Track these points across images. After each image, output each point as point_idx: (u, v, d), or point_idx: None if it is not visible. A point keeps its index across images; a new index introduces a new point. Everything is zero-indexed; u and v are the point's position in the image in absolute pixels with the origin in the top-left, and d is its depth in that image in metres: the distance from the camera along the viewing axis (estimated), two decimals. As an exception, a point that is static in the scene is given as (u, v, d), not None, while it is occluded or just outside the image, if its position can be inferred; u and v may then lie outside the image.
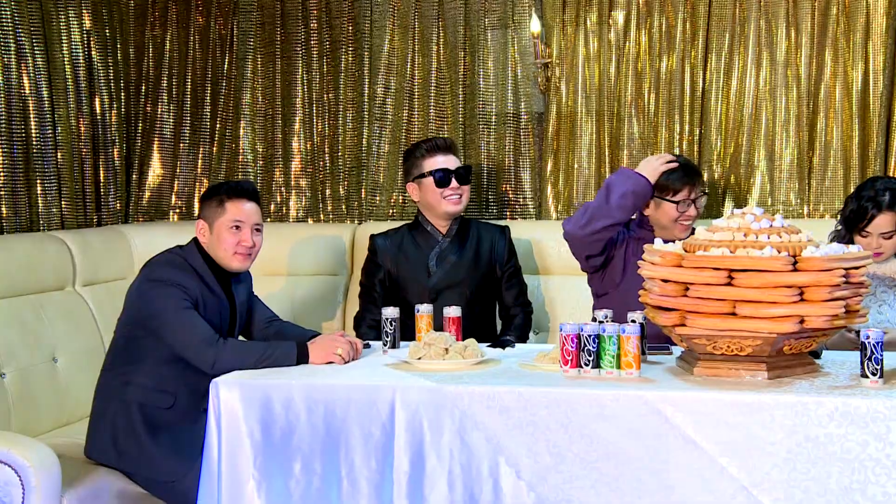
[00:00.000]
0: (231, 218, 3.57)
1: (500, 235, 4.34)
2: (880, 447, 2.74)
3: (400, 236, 4.31)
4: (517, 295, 4.32)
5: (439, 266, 4.23)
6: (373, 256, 4.32)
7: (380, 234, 4.35)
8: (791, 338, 2.94)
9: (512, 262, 4.34)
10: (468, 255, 4.25)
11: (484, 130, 4.93)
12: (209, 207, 3.61)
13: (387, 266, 4.27)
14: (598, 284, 4.11)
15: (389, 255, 4.27)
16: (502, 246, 4.32)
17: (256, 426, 3.08)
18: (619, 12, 4.77)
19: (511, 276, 4.33)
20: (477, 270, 4.25)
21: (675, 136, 4.74)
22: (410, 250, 4.27)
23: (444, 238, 4.26)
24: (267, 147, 5.13)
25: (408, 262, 4.25)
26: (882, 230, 3.81)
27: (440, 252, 4.24)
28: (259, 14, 5.09)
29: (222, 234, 3.57)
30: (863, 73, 4.56)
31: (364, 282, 4.32)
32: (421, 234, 4.28)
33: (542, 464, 2.92)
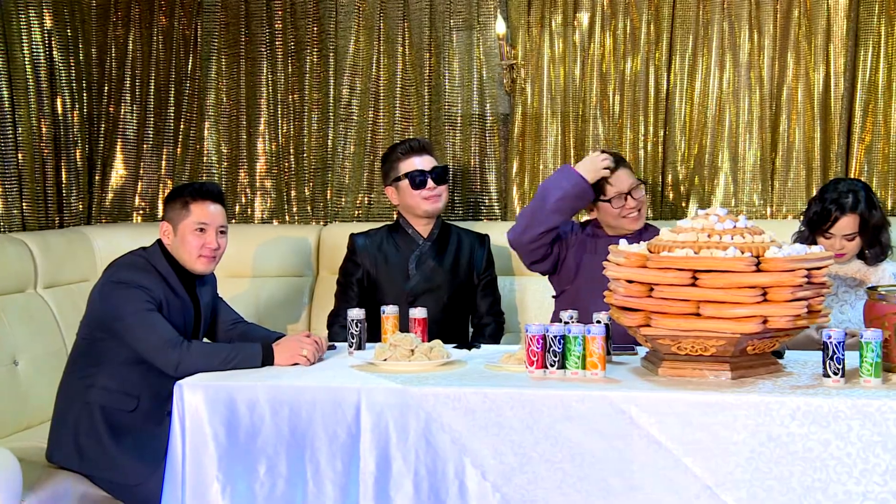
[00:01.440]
0: (196, 220, 3.55)
1: (479, 244, 4.33)
2: (842, 446, 2.77)
3: (380, 237, 4.29)
4: (491, 304, 4.32)
5: (419, 269, 4.22)
6: (352, 255, 4.28)
7: (360, 234, 4.33)
8: (754, 338, 2.96)
9: (490, 271, 4.33)
10: (448, 261, 4.24)
11: (449, 132, 4.93)
12: (173, 209, 3.58)
13: (366, 266, 4.25)
14: (556, 284, 4.13)
15: (369, 255, 4.25)
16: (481, 254, 4.31)
17: (221, 428, 3.06)
18: (583, 14, 4.79)
19: (487, 286, 4.32)
20: (455, 276, 4.24)
21: (640, 137, 4.76)
22: (390, 252, 4.25)
23: (425, 241, 4.25)
24: (231, 148, 5.10)
25: (387, 263, 4.23)
26: (845, 232, 3.84)
27: (420, 255, 4.23)
28: (223, 14, 5.07)
29: (186, 237, 3.54)
30: (824, 76, 4.60)
31: (341, 280, 4.29)
32: (401, 237, 4.27)
33: (507, 465, 2.93)
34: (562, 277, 4.08)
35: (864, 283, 3.86)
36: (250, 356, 3.31)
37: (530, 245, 3.96)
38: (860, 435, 2.76)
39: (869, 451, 2.75)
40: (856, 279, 3.90)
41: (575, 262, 4.04)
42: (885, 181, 4.59)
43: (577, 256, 4.04)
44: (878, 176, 4.59)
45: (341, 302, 4.24)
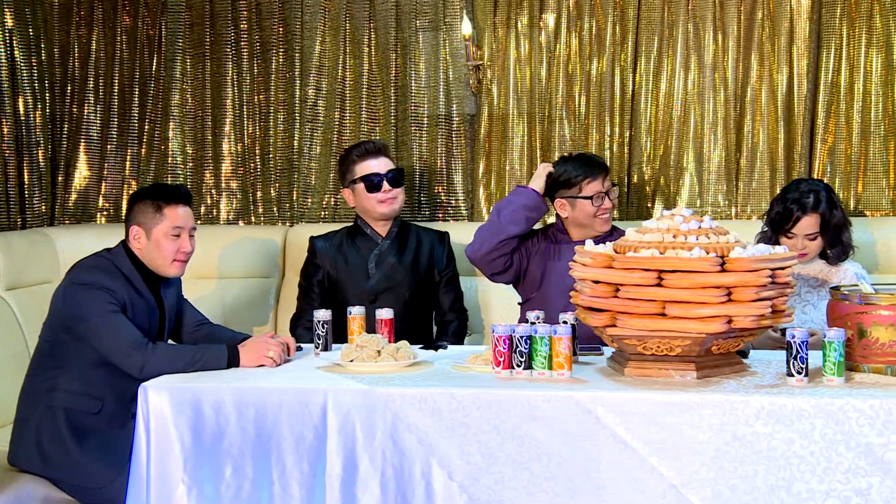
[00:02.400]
0: (171, 225, 3.52)
1: (439, 240, 4.34)
2: (805, 445, 2.79)
3: (339, 238, 4.30)
4: (454, 300, 4.33)
5: (378, 268, 4.22)
6: (312, 258, 4.29)
7: (319, 236, 4.33)
8: (719, 338, 2.98)
9: (451, 267, 4.34)
10: (407, 259, 4.25)
11: (416, 132, 4.93)
12: (144, 213, 3.54)
13: (326, 268, 4.25)
14: (521, 291, 4.15)
15: (328, 256, 4.26)
16: (441, 251, 4.32)
17: (186, 430, 3.05)
18: (549, 15, 4.80)
19: (448, 282, 4.33)
20: (416, 274, 4.25)
21: (606, 137, 4.78)
22: (350, 252, 4.26)
23: (384, 240, 4.26)
24: (197, 149, 5.07)
25: (347, 264, 4.24)
26: (807, 231, 3.87)
27: (380, 254, 4.23)
28: (188, 14, 5.04)
29: (162, 242, 3.52)
30: (787, 77, 4.64)
31: (303, 283, 4.30)
32: (360, 237, 4.27)
33: (474, 465, 2.93)
34: (526, 286, 4.10)
35: (826, 283, 3.90)
36: (216, 358, 3.30)
37: (488, 256, 4.01)
38: (823, 434, 2.78)
39: (832, 450, 2.78)
40: (818, 279, 3.94)
41: (539, 270, 4.05)
42: (848, 182, 4.63)
43: (541, 264, 4.05)
44: (840, 176, 4.63)
45: (304, 304, 4.25)
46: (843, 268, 3.93)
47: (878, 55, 4.58)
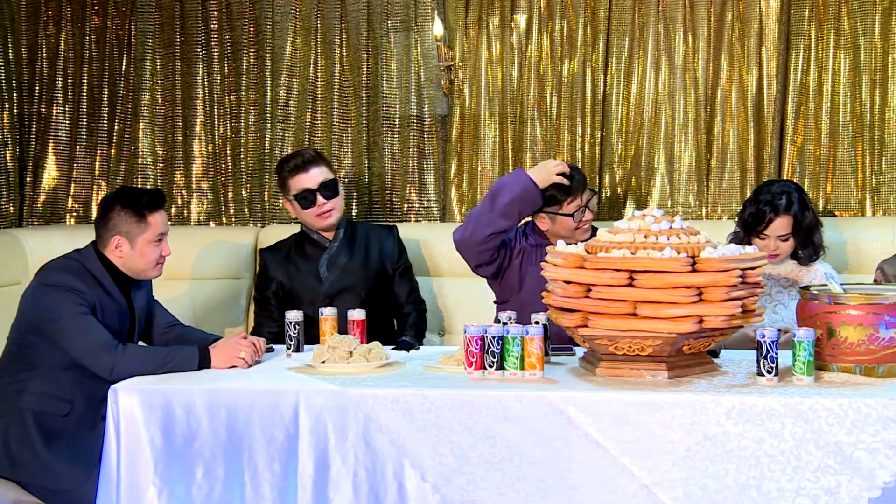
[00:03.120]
0: (156, 232, 3.51)
1: (388, 234, 4.35)
2: (775, 444, 2.80)
3: (288, 247, 4.32)
4: (409, 292, 4.33)
5: (330, 271, 4.22)
6: (264, 271, 4.32)
7: (267, 248, 4.36)
8: (690, 337, 2.99)
9: (402, 259, 4.35)
10: (358, 258, 4.25)
11: (387, 133, 4.92)
12: (127, 223, 3.49)
13: (278, 278, 4.27)
14: (498, 292, 4.11)
15: (279, 267, 4.28)
16: (391, 245, 4.33)
17: (157, 432, 3.04)
18: (520, 16, 4.81)
19: (402, 273, 4.34)
20: (369, 271, 4.25)
21: (577, 138, 4.79)
22: (299, 260, 4.27)
23: (332, 243, 4.26)
24: (167, 149, 5.04)
25: (298, 272, 4.25)
26: (779, 233, 3.89)
27: (329, 257, 4.24)
28: (157, 14, 5.01)
29: (146, 250, 3.50)
30: (757, 78, 4.67)
31: (257, 296, 4.33)
32: (309, 243, 4.28)
33: (446, 465, 2.93)
34: (504, 286, 4.05)
35: (797, 283, 3.92)
36: (187, 359, 3.28)
37: (478, 247, 3.90)
38: (793, 433, 2.80)
39: (801, 449, 2.80)
40: (789, 279, 3.96)
41: (519, 273, 4.01)
42: (817, 182, 4.66)
43: (521, 267, 4.01)
44: (809, 177, 4.66)
45: (262, 318, 4.27)
46: (814, 268, 3.95)
47: (846, 57, 4.62)
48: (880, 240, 4.28)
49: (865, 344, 2.97)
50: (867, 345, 2.97)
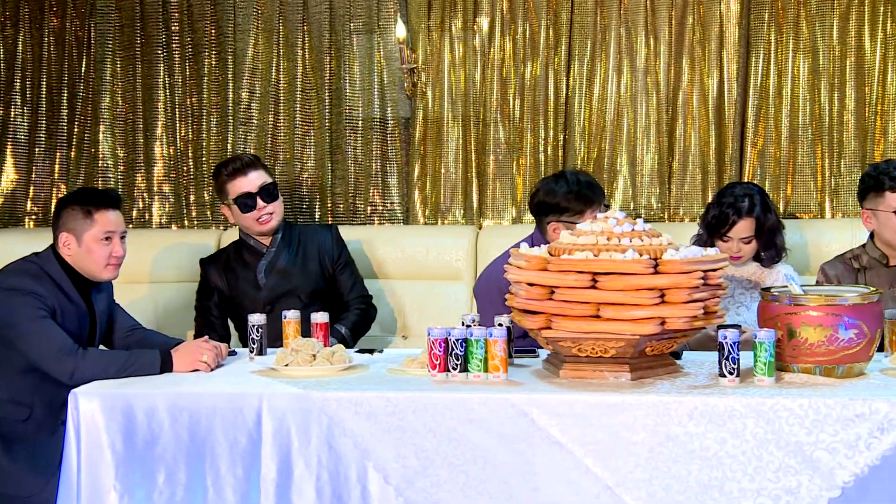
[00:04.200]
0: (102, 230, 3.47)
1: (326, 232, 4.33)
2: (737, 444, 2.82)
3: (226, 256, 4.30)
4: (353, 286, 4.30)
5: (269, 277, 4.20)
6: (204, 282, 4.30)
7: (207, 259, 4.34)
8: (653, 339, 3.01)
9: (342, 256, 4.32)
10: (297, 260, 4.23)
11: (350, 136, 4.91)
12: (73, 219, 3.48)
13: (219, 287, 4.26)
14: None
15: (218, 276, 4.26)
16: (330, 243, 4.30)
17: (118, 437, 3.01)
18: (483, 18, 4.82)
19: (343, 269, 4.31)
20: (308, 273, 4.23)
21: (540, 141, 4.80)
22: (238, 268, 4.25)
23: (270, 249, 4.24)
24: (128, 152, 5.01)
25: (237, 280, 4.23)
26: (742, 235, 3.92)
27: (268, 264, 4.22)
28: (117, 15, 4.97)
29: (93, 247, 3.47)
30: (718, 81, 4.70)
31: (198, 306, 4.31)
32: (247, 250, 4.26)
33: (410, 468, 2.93)
34: None
35: (759, 284, 3.95)
36: (148, 363, 3.26)
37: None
38: (754, 433, 2.82)
39: (762, 449, 2.82)
40: (751, 281, 3.99)
41: None
42: (778, 185, 4.70)
43: None
44: (770, 179, 4.70)
45: (203, 328, 4.24)
46: (776, 270, 3.98)
47: (805, 60, 4.66)
48: (839, 241, 4.32)
49: (825, 345, 2.99)
50: (827, 345, 2.99)
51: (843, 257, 3.95)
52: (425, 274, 4.55)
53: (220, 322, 4.23)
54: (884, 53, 4.61)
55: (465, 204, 4.87)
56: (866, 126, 4.64)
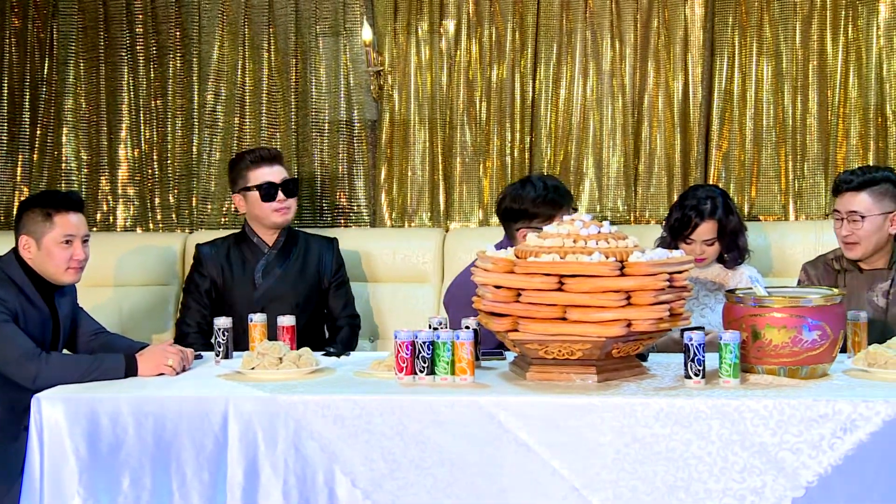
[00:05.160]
0: (62, 233, 3.45)
1: (328, 246, 4.31)
2: (702, 445, 2.84)
3: (226, 246, 4.25)
4: (344, 305, 4.29)
5: (265, 278, 4.18)
6: (198, 266, 4.24)
7: (205, 244, 4.28)
8: (619, 341, 3.02)
9: (340, 273, 4.31)
10: (295, 267, 4.21)
11: (317, 138, 4.90)
12: (33, 222, 3.45)
13: (212, 276, 4.20)
14: None
15: (215, 265, 4.21)
16: (330, 257, 4.29)
17: (82, 442, 2.99)
18: (449, 21, 4.82)
19: (338, 287, 4.29)
20: (304, 282, 4.21)
21: (507, 143, 4.81)
22: (236, 261, 4.21)
23: (271, 250, 4.21)
24: (92, 155, 4.97)
25: (233, 273, 4.19)
26: (704, 237, 3.94)
27: (267, 264, 4.20)
28: (80, 17, 4.94)
29: (53, 250, 3.44)
30: (683, 84, 4.73)
31: (188, 289, 4.24)
32: (247, 246, 4.23)
33: (377, 471, 2.92)
34: None
35: (723, 286, 3.97)
36: (113, 367, 3.24)
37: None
38: (720, 434, 2.83)
39: (728, 450, 2.83)
40: (715, 283, 4.02)
41: None
42: (742, 187, 4.73)
43: None
44: (735, 182, 4.73)
45: (190, 311, 4.19)
46: (740, 271, 4.01)
47: (769, 64, 4.70)
48: (803, 243, 4.36)
49: (789, 346, 3.02)
50: (791, 347, 3.02)
51: (825, 257, 3.97)
52: (392, 276, 4.54)
53: (209, 311, 4.12)
54: (845, 58, 4.65)
55: (432, 206, 4.87)
56: (829, 129, 4.68)
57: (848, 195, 3.78)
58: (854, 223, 3.76)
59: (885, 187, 3.77)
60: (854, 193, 3.77)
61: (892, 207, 3.78)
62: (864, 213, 3.75)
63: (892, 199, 3.78)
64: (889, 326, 3.75)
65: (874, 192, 3.75)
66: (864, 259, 3.82)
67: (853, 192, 3.77)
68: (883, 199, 3.76)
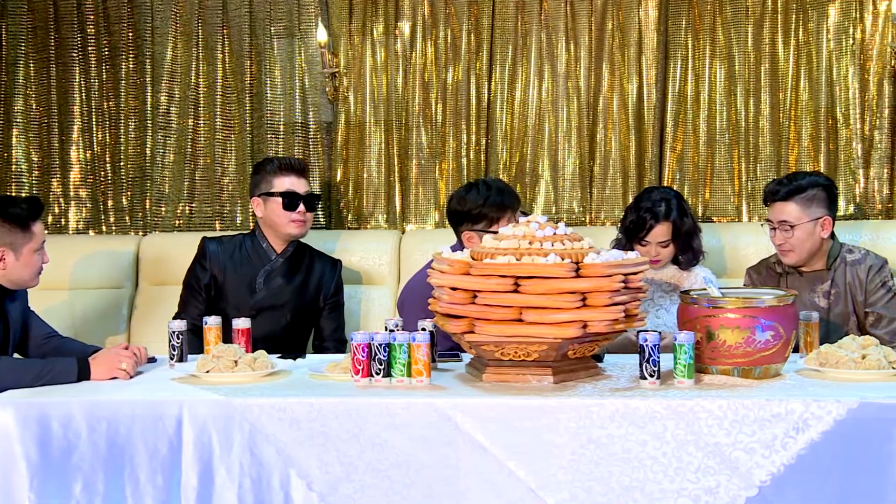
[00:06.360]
0: (39, 241, 3.45)
1: (331, 267, 4.27)
2: (657, 446, 2.85)
3: (234, 245, 4.19)
4: (334, 329, 4.25)
5: (266, 285, 4.14)
6: (201, 259, 4.17)
7: (212, 239, 4.23)
8: (575, 342, 3.03)
9: (338, 296, 4.27)
10: (296, 281, 4.17)
11: (272, 140, 4.88)
12: (12, 234, 3.40)
13: (214, 272, 4.14)
14: None
15: (219, 262, 4.15)
16: (331, 279, 4.24)
17: (33, 447, 2.95)
18: (405, 23, 4.82)
19: (333, 309, 4.25)
20: (301, 297, 4.17)
21: (463, 145, 4.82)
22: (240, 262, 4.16)
23: (278, 257, 4.17)
24: (43, 157, 4.92)
25: (236, 273, 4.14)
26: (659, 239, 3.97)
27: (270, 271, 4.15)
28: (30, 17, 4.88)
29: (31, 259, 3.42)
30: (637, 86, 4.76)
31: (189, 283, 4.17)
32: (255, 249, 4.17)
33: (333, 474, 2.91)
34: None
35: (678, 287, 4.00)
36: (65, 371, 3.20)
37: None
38: (675, 434, 2.85)
39: (682, 450, 2.85)
40: (670, 284, 4.04)
41: None
42: (696, 188, 4.77)
43: None
44: (689, 183, 4.77)
45: (189, 307, 4.13)
46: (695, 272, 4.04)
47: (722, 66, 4.74)
48: (756, 244, 4.40)
49: (743, 346, 3.04)
50: (744, 347, 3.04)
51: (767, 261, 4.03)
52: (349, 279, 4.53)
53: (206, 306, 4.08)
54: (797, 60, 4.71)
55: (388, 208, 4.86)
56: (781, 131, 4.73)
57: (777, 205, 3.84)
58: (785, 232, 3.82)
59: (812, 193, 3.82)
60: (782, 203, 3.83)
61: (821, 213, 3.83)
62: (793, 222, 3.81)
63: (821, 204, 3.84)
64: (832, 326, 3.80)
65: (802, 200, 3.81)
66: (802, 263, 3.88)
67: (781, 202, 3.83)
68: (811, 205, 3.82)
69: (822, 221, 3.83)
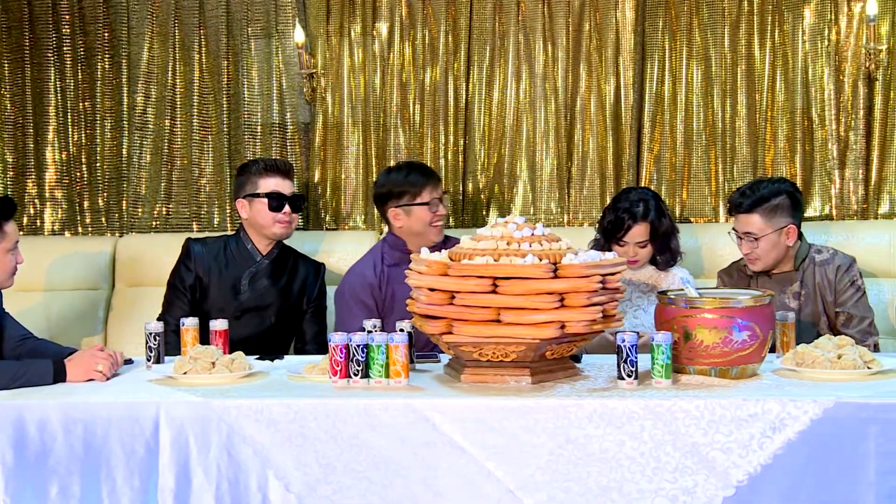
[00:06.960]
0: (13, 241, 3.41)
1: (314, 271, 4.26)
2: (635, 446, 2.86)
3: (218, 246, 4.17)
4: (317, 333, 4.23)
5: (251, 286, 4.12)
6: (185, 260, 4.14)
7: (197, 240, 4.20)
8: (553, 343, 3.03)
9: (321, 300, 4.25)
10: (280, 284, 4.15)
11: (249, 141, 4.87)
12: None
13: (198, 273, 4.12)
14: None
15: (203, 263, 4.12)
16: (314, 283, 4.23)
17: (8, 450, 2.94)
18: (382, 24, 4.82)
19: (315, 313, 4.23)
20: (285, 300, 4.15)
21: (440, 146, 4.82)
22: (225, 263, 4.13)
23: (263, 259, 4.15)
24: (18, 157, 4.89)
25: (220, 275, 4.12)
26: (637, 240, 3.98)
27: (255, 273, 4.13)
28: (4, 17, 4.85)
29: (4, 260, 3.40)
30: (615, 87, 4.77)
31: (173, 283, 4.14)
32: (239, 251, 4.15)
33: (311, 475, 2.91)
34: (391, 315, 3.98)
35: (656, 288, 4.01)
36: (41, 373, 3.18)
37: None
38: (652, 434, 2.86)
39: (660, 450, 2.86)
40: (648, 284, 4.05)
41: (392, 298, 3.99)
42: (673, 189, 4.79)
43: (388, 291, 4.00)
44: (666, 184, 4.78)
45: (173, 308, 4.10)
46: (672, 273, 4.06)
47: (699, 68, 4.76)
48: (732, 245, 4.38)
49: (720, 346, 3.05)
50: (721, 347, 3.05)
51: (738, 264, 4.06)
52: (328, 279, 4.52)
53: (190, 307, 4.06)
54: (772, 62, 4.73)
55: (367, 209, 4.86)
56: (757, 132, 4.75)
57: (742, 217, 3.88)
58: (751, 242, 3.85)
59: (776, 202, 3.85)
60: (746, 216, 3.86)
61: (785, 221, 3.86)
62: (757, 234, 3.85)
63: (785, 213, 3.87)
64: (803, 326, 3.83)
65: (765, 211, 3.84)
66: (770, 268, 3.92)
67: (745, 213, 3.86)
68: (775, 215, 3.85)
69: (786, 230, 3.86)
